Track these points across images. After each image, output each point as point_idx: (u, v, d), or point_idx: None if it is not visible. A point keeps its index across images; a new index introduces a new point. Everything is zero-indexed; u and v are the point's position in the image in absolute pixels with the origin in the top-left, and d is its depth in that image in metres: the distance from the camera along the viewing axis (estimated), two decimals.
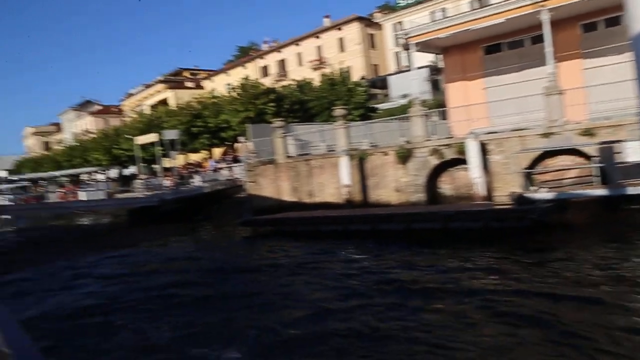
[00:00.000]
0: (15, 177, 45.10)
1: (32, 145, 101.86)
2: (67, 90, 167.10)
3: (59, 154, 56.83)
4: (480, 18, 16.76)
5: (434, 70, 44.07)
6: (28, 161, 65.41)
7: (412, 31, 18.12)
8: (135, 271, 13.90)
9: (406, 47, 19.10)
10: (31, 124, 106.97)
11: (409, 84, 44.58)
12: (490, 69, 20.23)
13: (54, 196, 41.50)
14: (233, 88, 33.44)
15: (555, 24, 16.19)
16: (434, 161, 17.54)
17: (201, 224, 23.74)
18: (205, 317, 8.56)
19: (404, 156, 18.09)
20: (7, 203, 33.07)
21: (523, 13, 15.86)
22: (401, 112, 35.50)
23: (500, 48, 19.91)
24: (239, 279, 11.73)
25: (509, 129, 16.31)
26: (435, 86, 44.87)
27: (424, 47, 19.22)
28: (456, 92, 21.23)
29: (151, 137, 28.80)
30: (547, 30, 15.45)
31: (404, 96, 42.99)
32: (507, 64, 19.70)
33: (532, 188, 14.11)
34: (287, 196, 21.49)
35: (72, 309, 10.17)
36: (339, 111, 19.64)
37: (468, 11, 20.36)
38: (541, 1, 15.30)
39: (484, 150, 15.67)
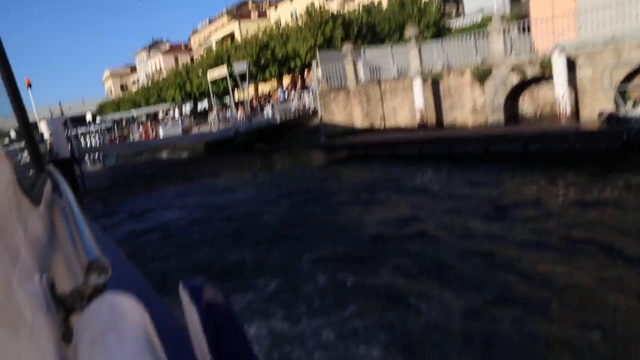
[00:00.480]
0: (100, 119, 47.73)
1: (110, 88, 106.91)
2: (140, 31, 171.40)
3: (136, 94, 59.30)
4: None
5: None
6: (109, 103, 68.83)
7: None
8: (221, 200, 14.58)
9: None
10: (109, 67, 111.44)
11: None
12: None
13: (136, 135, 43.91)
14: (300, 15, 32.58)
15: None
16: (514, 79, 16.54)
17: (275, 153, 24.26)
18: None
19: (482, 75, 17.17)
20: (96, 144, 35.40)
21: None
22: (477, 30, 33.41)
23: None
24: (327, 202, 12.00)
25: (602, 41, 14.85)
26: None
27: None
28: (541, 1, 19.43)
29: (221, 71, 29.13)
30: None
31: (480, 11, 40.12)
32: None
33: (626, 105, 12.94)
34: (359, 121, 21.29)
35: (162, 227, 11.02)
36: (410, 31, 18.72)
37: None
38: None
39: (571, 65, 14.47)
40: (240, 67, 26.72)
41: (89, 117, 45.26)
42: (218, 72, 29.47)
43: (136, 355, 0.65)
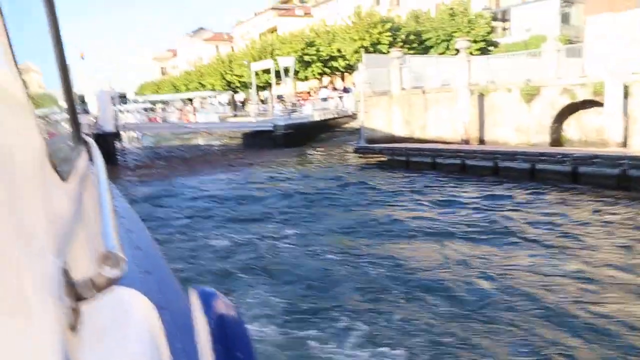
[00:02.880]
0: (140, 99, 48.83)
1: (151, 70, 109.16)
2: (184, 17, 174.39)
3: (176, 78, 60.40)
4: None
5: (566, 2, 40.04)
6: (149, 84, 70.28)
7: None
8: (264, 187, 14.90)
9: None
10: (152, 51, 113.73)
11: (534, 17, 41.29)
12: None
13: (174, 117, 44.74)
14: (348, 16, 32.80)
15: None
16: (563, 101, 16.39)
17: (312, 150, 24.50)
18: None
19: (530, 94, 17.06)
20: (135, 121, 36.20)
21: None
22: (523, 48, 33.13)
23: None
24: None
25: None
26: (566, 20, 40.86)
27: None
28: (598, 25, 19.19)
29: (267, 64, 29.54)
30: None
31: (528, 30, 39.75)
32: None
33: None
34: (399, 128, 21.35)
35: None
36: (461, 43, 18.73)
37: None
38: None
39: (625, 92, 14.30)
40: (286, 62, 27.09)
41: (130, 96, 46.34)
42: (262, 65, 29.91)
43: (137, 354, 0.68)
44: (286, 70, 27.43)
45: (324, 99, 30.05)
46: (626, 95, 14.40)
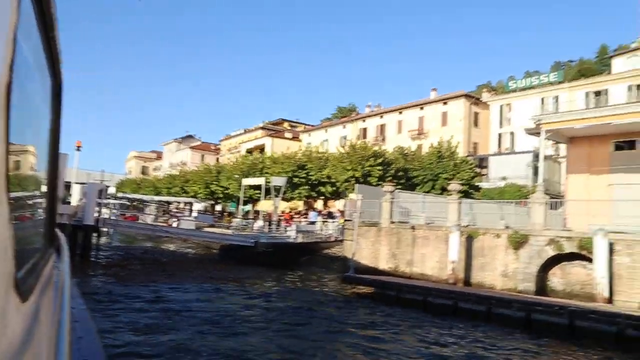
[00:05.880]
0: (120, 195, 48.43)
1: (131, 168, 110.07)
2: (169, 122, 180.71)
3: (159, 180, 60.70)
4: (624, 114, 16.34)
5: (537, 156, 43.02)
6: (130, 181, 70.31)
7: (545, 117, 17.99)
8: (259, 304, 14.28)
9: (535, 133, 18.89)
10: (135, 149, 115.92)
11: (509, 167, 44.17)
12: (619, 166, 19.44)
13: (150, 218, 44.10)
14: (342, 146, 34.39)
15: None
16: (550, 252, 16.85)
17: (294, 273, 23.98)
18: None
19: (518, 242, 17.53)
20: (111, 217, 35.40)
21: None
22: (498, 194, 34.93)
23: (633, 145, 19.16)
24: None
25: (635, 232, 15.40)
26: (536, 173, 43.66)
27: (554, 135, 18.94)
28: (577, 184, 20.54)
29: (258, 180, 30.11)
30: None
31: (503, 178, 42.22)
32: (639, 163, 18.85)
33: None
34: (385, 261, 21.35)
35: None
36: (454, 185, 19.59)
37: (611, 105, 20.10)
38: None
39: (610, 249, 14.85)
40: (279, 181, 27.67)
41: (111, 190, 45.95)
42: (254, 181, 30.46)
43: None
44: (277, 189, 27.90)
45: (312, 222, 30.25)
46: (611, 252, 14.95)
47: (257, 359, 9.09)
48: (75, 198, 24.61)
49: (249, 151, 67.28)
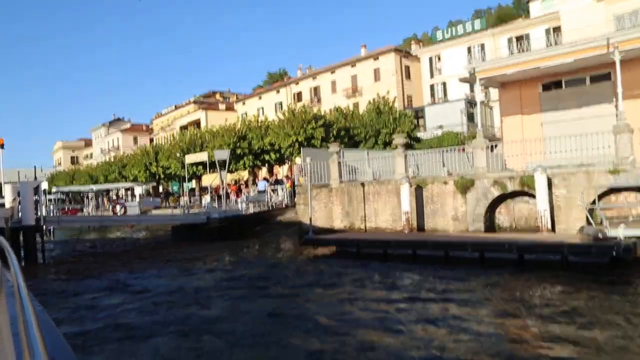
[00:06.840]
0: (55, 189, 45.99)
1: (60, 159, 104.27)
2: (97, 107, 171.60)
3: (94, 168, 58.04)
4: (550, 57, 17.20)
5: (470, 103, 44.65)
6: (62, 174, 66.74)
7: (480, 66, 18.61)
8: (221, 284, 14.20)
9: (469, 81, 19.56)
10: (61, 139, 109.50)
11: (444, 116, 45.63)
12: (548, 105, 20.60)
13: (92, 209, 42.35)
14: (282, 112, 34.11)
15: (624, 64, 16.57)
16: (495, 192, 17.79)
17: (249, 244, 23.98)
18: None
19: (465, 186, 18.36)
20: (50, 214, 33.72)
21: (594, 53, 16.27)
22: (437, 143, 36.15)
23: (559, 85, 20.30)
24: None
25: (566, 165, 16.57)
26: (471, 119, 45.41)
27: (487, 81, 19.69)
28: (512, 126, 21.62)
29: (201, 156, 29.47)
30: (618, 71, 15.82)
31: (440, 127, 43.65)
32: (566, 101, 20.06)
33: (603, 224, 14.16)
34: (339, 220, 21.78)
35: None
36: (399, 139, 20.06)
37: (538, 49, 20.95)
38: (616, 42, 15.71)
39: (549, 184, 15.91)
40: (222, 154, 27.21)
41: (44, 186, 43.47)
42: (197, 157, 29.78)
43: None
44: (221, 163, 27.47)
45: (262, 191, 30.14)
46: (550, 186, 16.03)
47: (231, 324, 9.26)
48: (8, 199, 23.06)
49: (184, 127, 65.41)
